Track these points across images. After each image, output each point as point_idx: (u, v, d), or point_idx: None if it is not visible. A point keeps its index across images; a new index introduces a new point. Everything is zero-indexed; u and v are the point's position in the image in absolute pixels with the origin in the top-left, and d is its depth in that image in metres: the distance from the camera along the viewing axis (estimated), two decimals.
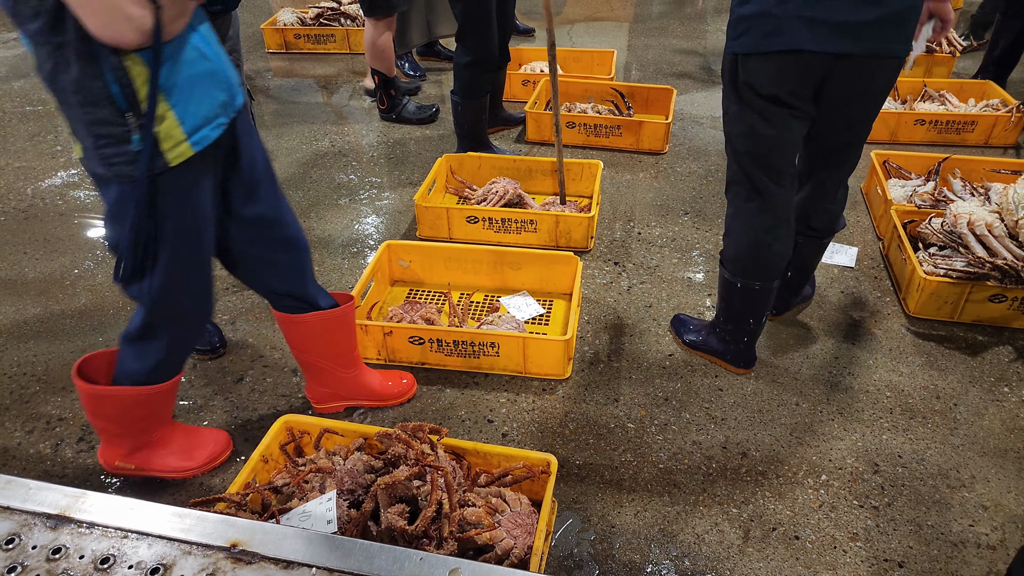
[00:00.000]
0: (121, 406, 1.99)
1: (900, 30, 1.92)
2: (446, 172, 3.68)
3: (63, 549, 1.18)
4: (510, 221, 3.25)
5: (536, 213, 3.23)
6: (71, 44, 1.43)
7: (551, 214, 3.20)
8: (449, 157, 3.69)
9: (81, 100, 1.49)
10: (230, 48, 2.29)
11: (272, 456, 2.07)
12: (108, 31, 1.41)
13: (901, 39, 1.94)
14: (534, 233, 3.26)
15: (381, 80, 4.42)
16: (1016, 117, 4.09)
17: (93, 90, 1.48)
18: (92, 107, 1.50)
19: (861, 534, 2.02)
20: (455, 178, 3.68)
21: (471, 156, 3.69)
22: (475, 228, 3.29)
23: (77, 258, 3.24)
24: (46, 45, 1.44)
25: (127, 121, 1.52)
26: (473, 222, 3.28)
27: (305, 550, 1.19)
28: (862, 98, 2.09)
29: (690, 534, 2.02)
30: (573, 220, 3.18)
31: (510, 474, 1.95)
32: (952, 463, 2.23)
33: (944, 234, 2.87)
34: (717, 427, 2.36)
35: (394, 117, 4.57)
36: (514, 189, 3.41)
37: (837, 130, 2.19)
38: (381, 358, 2.62)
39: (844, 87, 2.02)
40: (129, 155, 1.55)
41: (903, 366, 2.60)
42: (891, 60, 1.99)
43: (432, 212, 3.30)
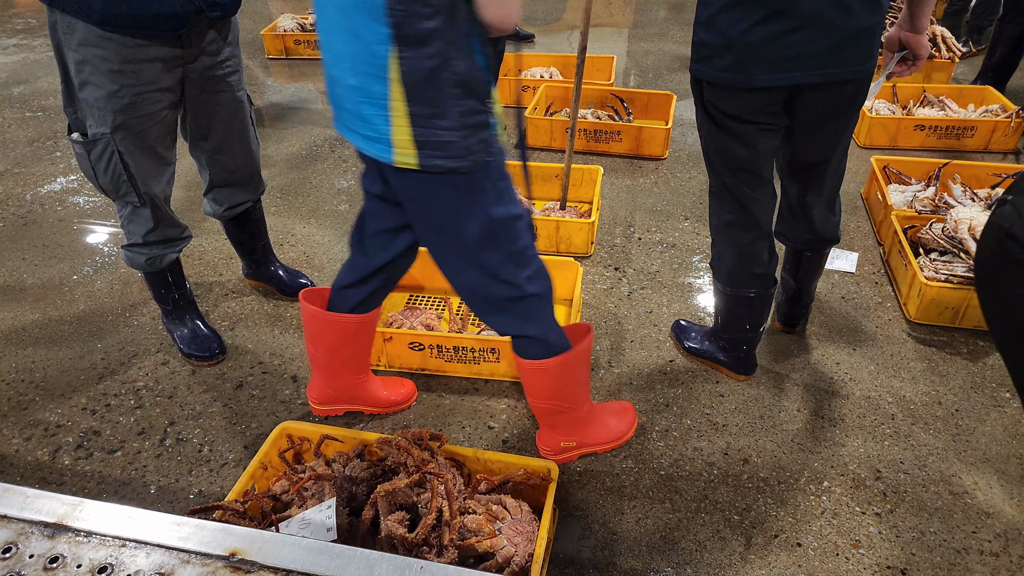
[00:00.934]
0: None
1: (860, 51, 1.91)
2: None
3: (60, 558, 1.17)
4: None
5: (536, 219, 3.22)
6: (463, 37, 1.48)
7: (551, 220, 3.20)
8: None
9: (461, 93, 1.53)
10: (230, 54, 2.29)
11: (271, 463, 2.07)
12: (504, 17, 1.47)
13: (863, 59, 1.93)
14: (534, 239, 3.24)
15: None
16: (1016, 122, 4.09)
17: (473, 80, 1.53)
18: (467, 98, 1.54)
19: (863, 541, 2.01)
20: None
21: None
22: None
23: (76, 264, 3.23)
24: (437, 42, 1.46)
25: (487, 107, 1.60)
26: None
27: (305, 559, 1.18)
28: (827, 121, 2.07)
29: (692, 541, 2.01)
30: (573, 226, 3.18)
31: (511, 481, 1.95)
32: (954, 469, 2.22)
33: (945, 239, 2.87)
34: (718, 433, 2.35)
35: None
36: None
37: (808, 151, 2.17)
38: (381, 364, 2.61)
39: (809, 111, 2.02)
40: (486, 140, 1.63)
41: (904, 372, 2.59)
42: (854, 82, 1.98)
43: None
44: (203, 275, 3.16)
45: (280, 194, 3.81)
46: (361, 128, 1.63)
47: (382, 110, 1.56)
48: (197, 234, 3.43)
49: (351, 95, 1.60)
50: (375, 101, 1.55)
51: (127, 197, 2.27)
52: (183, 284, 2.63)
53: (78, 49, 2.01)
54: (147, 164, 2.23)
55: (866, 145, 4.27)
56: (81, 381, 2.58)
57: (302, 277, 3.01)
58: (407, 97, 1.52)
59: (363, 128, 1.62)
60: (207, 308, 2.93)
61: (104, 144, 2.13)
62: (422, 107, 1.53)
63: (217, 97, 2.31)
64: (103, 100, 2.07)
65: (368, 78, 1.53)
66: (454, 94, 1.52)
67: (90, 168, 2.20)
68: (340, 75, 1.60)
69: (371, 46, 1.48)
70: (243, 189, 2.63)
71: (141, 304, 2.96)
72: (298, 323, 2.85)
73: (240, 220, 2.75)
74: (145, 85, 2.09)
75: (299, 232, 3.48)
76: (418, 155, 1.58)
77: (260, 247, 2.90)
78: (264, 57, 5.87)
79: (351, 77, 1.57)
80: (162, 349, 2.72)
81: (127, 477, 2.23)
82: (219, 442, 2.34)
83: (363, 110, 1.59)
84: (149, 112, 2.14)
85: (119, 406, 2.48)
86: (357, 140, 1.67)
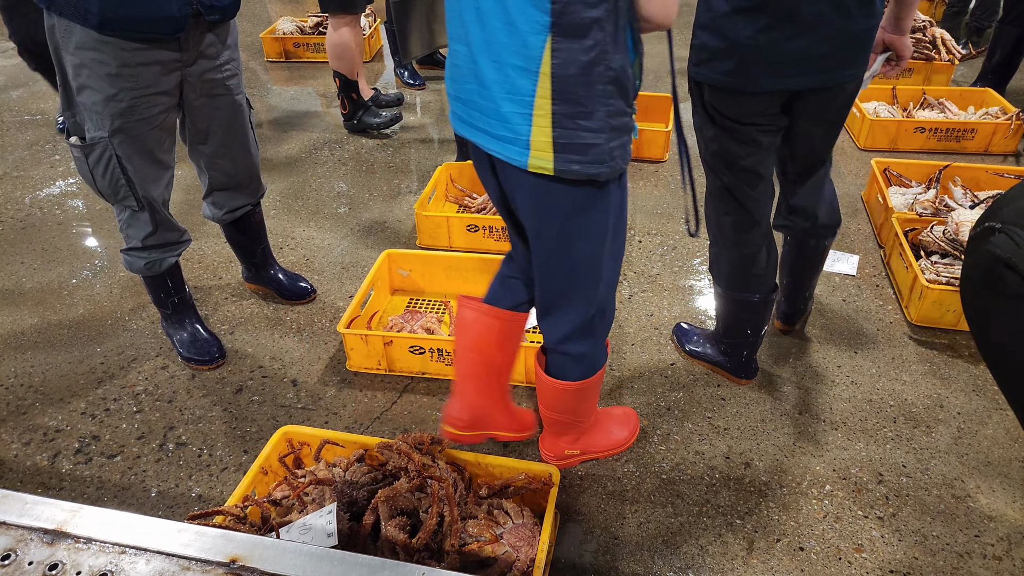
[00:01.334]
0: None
1: (859, 54, 1.92)
2: (446, 181, 3.67)
3: (60, 565, 1.16)
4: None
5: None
6: (620, 30, 1.41)
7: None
8: (449, 166, 3.68)
9: (612, 91, 1.45)
10: (228, 57, 2.28)
11: (271, 468, 2.06)
12: (665, 13, 1.42)
13: (862, 61, 1.95)
14: None
15: (342, 82, 4.34)
16: (1016, 125, 4.08)
17: (624, 78, 1.46)
18: (617, 98, 1.47)
19: (866, 545, 2.00)
20: (455, 186, 3.67)
21: (471, 164, 3.66)
22: (476, 236, 3.28)
23: (75, 268, 3.22)
24: (597, 33, 1.37)
25: (632, 109, 1.52)
26: (474, 231, 3.27)
27: (306, 565, 1.17)
28: (825, 122, 2.09)
29: (694, 545, 2.00)
30: None
31: (512, 486, 1.94)
32: (956, 473, 2.22)
33: (946, 242, 2.86)
34: (720, 437, 2.34)
35: (355, 123, 4.52)
36: None
37: (806, 150, 2.19)
38: (381, 368, 2.61)
39: (809, 113, 2.04)
40: (626, 146, 1.54)
41: (906, 375, 2.58)
42: (852, 83, 1.99)
43: (432, 221, 3.30)
44: (203, 279, 3.15)
45: (280, 197, 3.81)
46: (495, 128, 1.52)
47: (525, 108, 1.45)
48: (196, 238, 3.42)
49: (489, 90, 1.49)
50: (519, 98, 1.45)
51: (125, 201, 2.26)
52: (183, 288, 2.62)
53: (76, 53, 2.01)
54: (145, 168, 2.22)
55: (866, 147, 4.26)
56: (80, 386, 2.57)
57: (302, 281, 3.01)
58: (554, 94, 1.42)
59: (498, 128, 1.52)
60: (207, 312, 2.93)
61: (102, 148, 2.13)
62: (569, 105, 1.43)
63: (216, 101, 2.31)
64: (101, 104, 2.06)
65: (515, 72, 1.43)
66: (605, 92, 1.43)
67: (88, 172, 2.19)
68: (478, 68, 1.49)
69: (525, 36, 1.38)
70: (242, 193, 2.63)
71: (140, 308, 2.96)
72: (298, 327, 2.85)
73: (240, 224, 2.75)
74: (143, 89, 2.09)
75: (299, 235, 3.47)
76: (555, 159, 1.49)
77: (260, 251, 2.90)
78: (263, 60, 5.86)
79: (492, 70, 1.46)
80: (161, 353, 2.72)
81: (127, 482, 2.22)
82: (219, 447, 2.33)
83: (502, 107, 1.48)
84: (147, 116, 2.14)
85: (118, 411, 2.47)
86: (486, 141, 1.57)
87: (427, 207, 3.40)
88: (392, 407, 2.48)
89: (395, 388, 2.56)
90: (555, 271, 1.75)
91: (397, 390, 2.55)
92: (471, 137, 1.62)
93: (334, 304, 2.98)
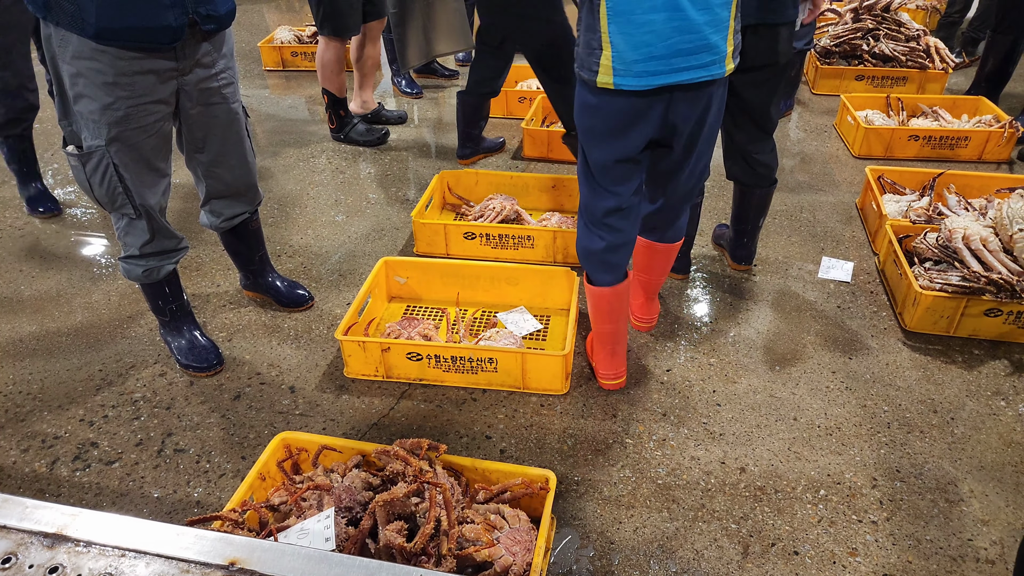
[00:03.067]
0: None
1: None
2: (443, 189, 3.69)
3: (60, 568, 1.17)
4: (507, 237, 3.26)
5: (534, 229, 3.23)
6: None
7: (548, 230, 3.21)
8: (445, 174, 3.70)
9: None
10: (224, 66, 2.30)
11: (269, 474, 2.07)
12: None
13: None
14: (531, 249, 3.27)
15: (330, 99, 4.40)
16: (1009, 133, 4.11)
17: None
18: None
19: (860, 549, 2.01)
20: (452, 194, 3.69)
21: (468, 172, 3.71)
22: (473, 244, 3.30)
23: (73, 276, 3.24)
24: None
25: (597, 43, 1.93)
26: (471, 238, 3.29)
27: (304, 568, 1.18)
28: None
29: (689, 550, 2.02)
30: (570, 236, 3.19)
31: (509, 490, 1.95)
32: (950, 477, 2.23)
33: (939, 249, 2.88)
34: (715, 442, 2.36)
35: (342, 138, 4.56)
36: (511, 205, 3.43)
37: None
38: (379, 375, 2.62)
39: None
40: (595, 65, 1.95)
41: (900, 380, 2.60)
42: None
43: (429, 228, 3.32)
44: (201, 287, 3.16)
45: (277, 206, 3.82)
46: (703, 59, 1.91)
47: (724, 31, 1.91)
48: (194, 246, 3.43)
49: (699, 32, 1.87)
50: (723, 26, 1.90)
51: (123, 209, 2.27)
52: (180, 295, 2.63)
53: (72, 62, 2.02)
54: (142, 176, 2.24)
55: (861, 155, 4.29)
56: (79, 393, 2.58)
57: (300, 288, 3.02)
58: (735, 13, 1.92)
59: (706, 57, 1.91)
60: (205, 319, 2.94)
61: (99, 156, 2.14)
62: (737, 21, 1.96)
63: (212, 109, 2.33)
64: (98, 112, 2.08)
65: (720, 7, 1.87)
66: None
67: (85, 180, 2.21)
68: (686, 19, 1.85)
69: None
70: (240, 201, 2.64)
71: (138, 316, 2.97)
72: (296, 334, 2.86)
73: (237, 231, 2.76)
74: (140, 97, 2.10)
75: (296, 243, 3.49)
76: (733, 59, 2.00)
77: (257, 258, 2.91)
78: (261, 69, 5.89)
79: (702, 15, 1.85)
80: (160, 360, 2.73)
81: (125, 488, 2.23)
82: (217, 453, 2.34)
83: (711, 39, 1.89)
84: (144, 124, 2.15)
85: (117, 417, 2.48)
86: (692, 74, 1.93)
87: (424, 215, 3.41)
88: (390, 413, 2.49)
89: (393, 395, 2.57)
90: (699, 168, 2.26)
91: (395, 396, 2.56)
92: (673, 80, 1.93)
93: (332, 312, 3.00)
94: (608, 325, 2.45)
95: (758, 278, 3.17)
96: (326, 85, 4.31)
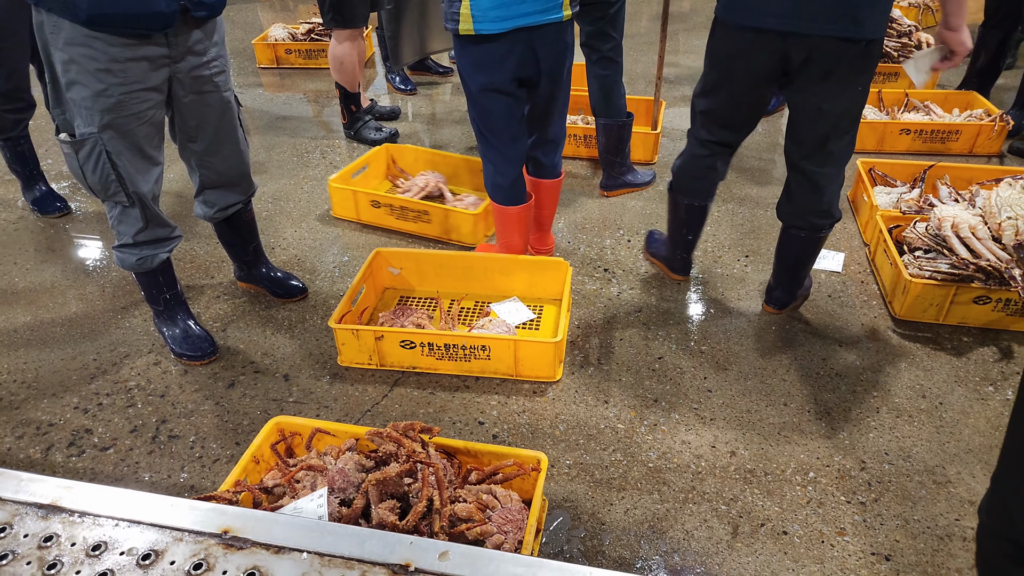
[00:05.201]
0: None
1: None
2: (386, 160, 3.97)
3: (55, 537, 1.19)
4: (407, 210, 3.48)
5: (429, 205, 3.44)
6: None
7: (441, 207, 3.40)
8: (389, 147, 3.98)
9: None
10: (216, 54, 2.31)
11: (263, 457, 2.08)
12: None
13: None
14: (428, 224, 3.47)
15: (342, 94, 4.40)
16: (999, 126, 4.14)
17: None
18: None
19: (848, 529, 2.03)
20: (395, 167, 3.97)
21: (408, 148, 4.00)
22: (379, 212, 3.55)
23: (67, 268, 3.25)
24: None
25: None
26: (376, 207, 3.54)
27: (296, 535, 1.20)
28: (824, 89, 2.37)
29: (679, 530, 2.03)
30: (461, 216, 3.35)
31: (500, 472, 1.97)
32: (938, 460, 2.25)
33: (929, 237, 2.90)
34: (706, 427, 2.38)
35: (352, 134, 4.57)
36: (436, 182, 3.71)
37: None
38: (373, 363, 2.63)
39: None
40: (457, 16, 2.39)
41: (889, 367, 2.62)
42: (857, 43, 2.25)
43: (340, 193, 3.59)
44: (195, 278, 3.17)
45: (271, 199, 3.84)
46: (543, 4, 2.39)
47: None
48: (189, 237, 3.45)
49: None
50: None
51: (116, 197, 2.29)
52: (174, 284, 2.64)
53: (65, 49, 2.04)
54: (135, 163, 2.25)
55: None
56: (73, 381, 2.60)
57: (293, 279, 3.03)
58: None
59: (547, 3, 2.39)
60: (199, 310, 2.95)
61: (92, 144, 2.16)
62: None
63: (205, 97, 2.34)
64: (90, 99, 2.09)
65: None
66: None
67: (78, 168, 2.22)
68: None
69: None
70: (233, 190, 2.65)
71: (133, 306, 2.98)
72: (290, 324, 2.88)
73: (231, 222, 2.77)
74: (132, 84, 2.12)
75: (290, 236, 3.50)
76: (571, 8, 2.48)
77: (251, 249, 2.92)
78: (255, 67, 5.90)
79: None
80: (154, 350, 2.74)
81: (119, 473, 2.24)
82: (211, 439, 2.36)
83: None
84: (136, 111, 2.17)
85: (111, 405, 2.49)
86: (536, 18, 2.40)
87: (350, 181, 3.68)
88: (383, 400, 2.51)
89: (386, 382, 2.59)
90: (564, 104, 2.79)
91: (388, 384, 2.58)
92: (518, 24, 2.37)
93: (326, 302, 3.01)
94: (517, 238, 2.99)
95: (750, 268, 3.19)
96: (337, 78, 4.32)
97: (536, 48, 2.48)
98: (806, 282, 2.96)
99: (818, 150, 2.41)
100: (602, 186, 3.87)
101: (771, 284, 2.89)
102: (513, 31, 2.40)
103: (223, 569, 1.14)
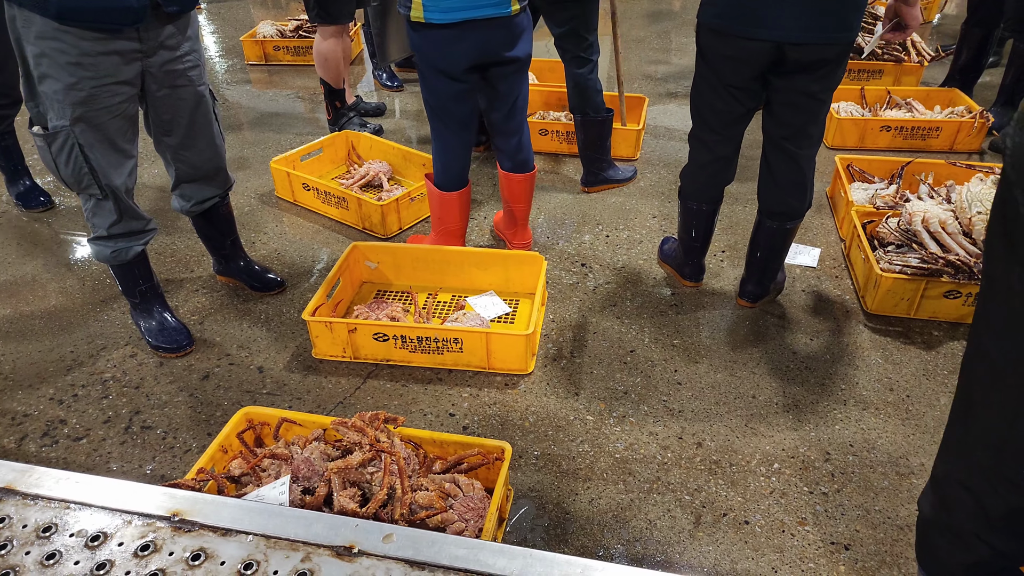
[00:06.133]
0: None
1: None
2: (347, 147, 4.12)
3: (7, 519, 1.21)
4: (330, 195, 3.59)
5: (349, 194, 3.50)
6: None
7: (355, 196, 3.48)
8: (349, 133, 4.13)
9: None
10: (189, 48, 2.33)
11: (231, 446, 2.10)
12: None
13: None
14: (346, 211, 3.57)
15: (327, 90, 4.41)
16: (979, 123, 4.17)
17: None
18: None
19: (810, 519, 2.06)
20: (354, 153, 4.14)
21: (366, 136, 4.11)
22: (309, 195, 3.71)
23: (49, 262, 3.26)
24: None
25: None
26: (307, 189, 3.69)
27: (243, 518, 1.22)
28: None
29: (642, 520, 2.06)
30: (371, 206, 3.43)
31: (465, 461, 1.99)
32: (902, 451, 2.28)
33: (900, 232, 2.93)
34: (674, 419, 2.40)
35: (337, 130, 4.57)
36: (376, 172, 3.84)
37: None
38: (346, 356, 2.66)
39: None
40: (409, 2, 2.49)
41: (859, 360, 2.65)
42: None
43: (279, 174, 3.76)
44: (174, 272, 3.19)
45: (255, 195, 3.86)
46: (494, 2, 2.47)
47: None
48: (170, 232, 3.47)
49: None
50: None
51: (89, 190, 2.30)
52: (150, 277, 2.66)
53: (36, 42, 2.06)
54: (107, 156, 2.27)
55: (834, 145, 4.34)
56: (49, 373, 2.62)
57: (271, 273, 3.05)
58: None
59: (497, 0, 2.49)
60: (177, 303, 2.97)
61: (64, 136, 2.18)
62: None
63: (179, 92, 2.36)
64: (62, 93, 2.11)
65: None
66: None
67: (51, 160, 2.24)
68: None
69: None
70: (210, 184, 2.67)
71: (112, 299, 3.00)
72: (266, 317, 2.90)
73: (208, 216, 2.79)
74: (104, 78, 2.14)
75: (271, 231, 3.52)
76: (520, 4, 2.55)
77: (229, 243, 2.94)
78: (244, 63, 5.92)
79: None
80: (131, 342, 2.76)
81: (91, 463, 2.26)
82: (183, 430, 2.38)
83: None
84: (108, 105, 2.19)
85: (86, 396, 2.51)
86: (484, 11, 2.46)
87: (300, 165, 3.84)
88: (356, 392, 2.53)
89: (359, 375, 2.61)
90: (521, 97, 2.85)
91: (361, 376, 2.60)
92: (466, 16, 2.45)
93: (303, 296, 3.03)
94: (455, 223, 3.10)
95: (726, 263, 3.22)
96: (322, 75, 4.32)
97: (486, 41, 2.56)
98: (780, 276, 2.99)
99: (800, 132, 2.50)
100: (583, 182, 3.89)
101: (744, 278, 2.92)
102: (463, 22, 2.47)
103: (169, 551, 1.16)
